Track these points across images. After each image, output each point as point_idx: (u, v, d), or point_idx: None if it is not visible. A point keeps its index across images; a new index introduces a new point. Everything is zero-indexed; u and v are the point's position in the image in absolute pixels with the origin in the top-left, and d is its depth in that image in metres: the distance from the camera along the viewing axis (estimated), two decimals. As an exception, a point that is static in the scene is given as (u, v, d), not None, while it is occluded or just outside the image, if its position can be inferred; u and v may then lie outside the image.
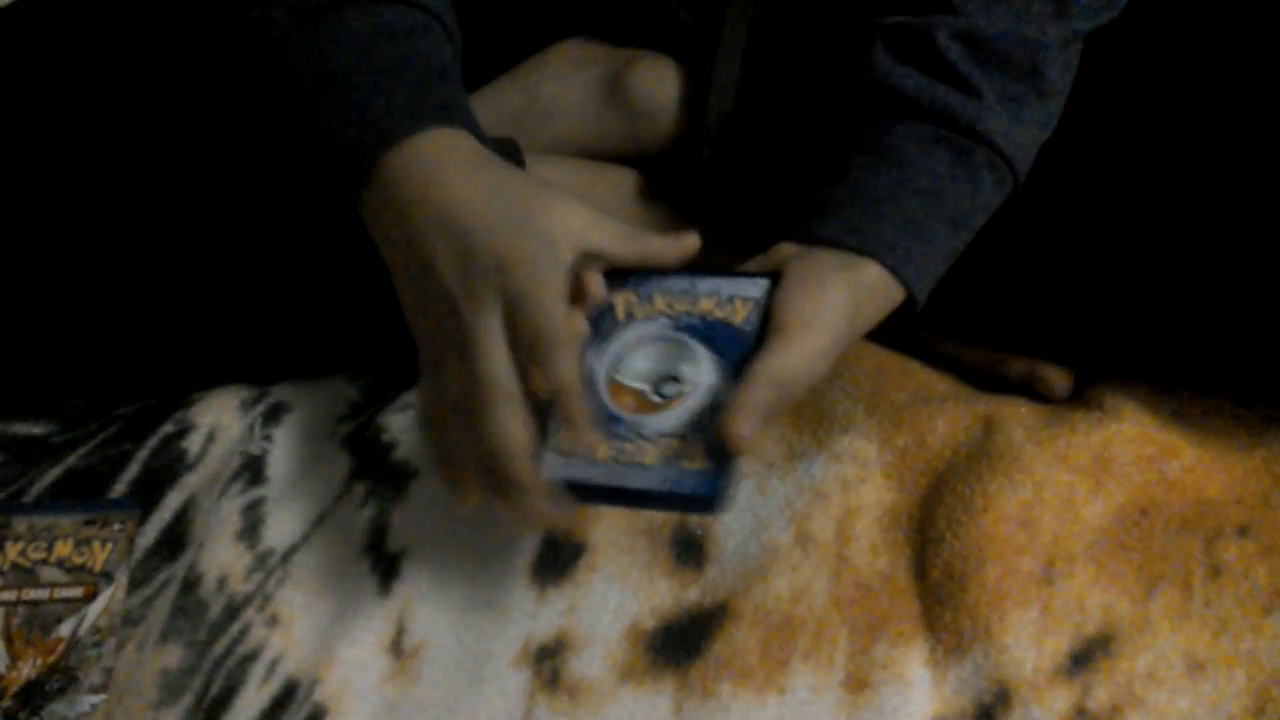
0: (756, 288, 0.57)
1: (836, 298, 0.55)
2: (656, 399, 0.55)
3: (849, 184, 0.58)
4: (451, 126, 0.54)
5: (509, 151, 0.70)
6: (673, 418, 0.54)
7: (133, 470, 0.68)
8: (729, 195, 0.73)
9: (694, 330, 0.57)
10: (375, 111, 0.54)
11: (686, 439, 0.53)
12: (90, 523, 0.65)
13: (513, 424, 0.51)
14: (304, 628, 0.62)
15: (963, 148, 0.58)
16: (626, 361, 0.56)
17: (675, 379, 0.55)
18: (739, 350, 0.55)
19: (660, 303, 0.58)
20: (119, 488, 0.68)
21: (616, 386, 0.55)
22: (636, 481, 0.52)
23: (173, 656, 0.61)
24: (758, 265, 0.58)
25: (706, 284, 0.58)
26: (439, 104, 0.55)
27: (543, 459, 0.53)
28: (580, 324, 0.55)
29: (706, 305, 0.57)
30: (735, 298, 0.57)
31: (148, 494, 0.67)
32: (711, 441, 0.52)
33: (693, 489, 0.51)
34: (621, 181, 0.75)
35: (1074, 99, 0.62)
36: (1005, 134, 0.59)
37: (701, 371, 0.55)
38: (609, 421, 0.54)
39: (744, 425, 0.51)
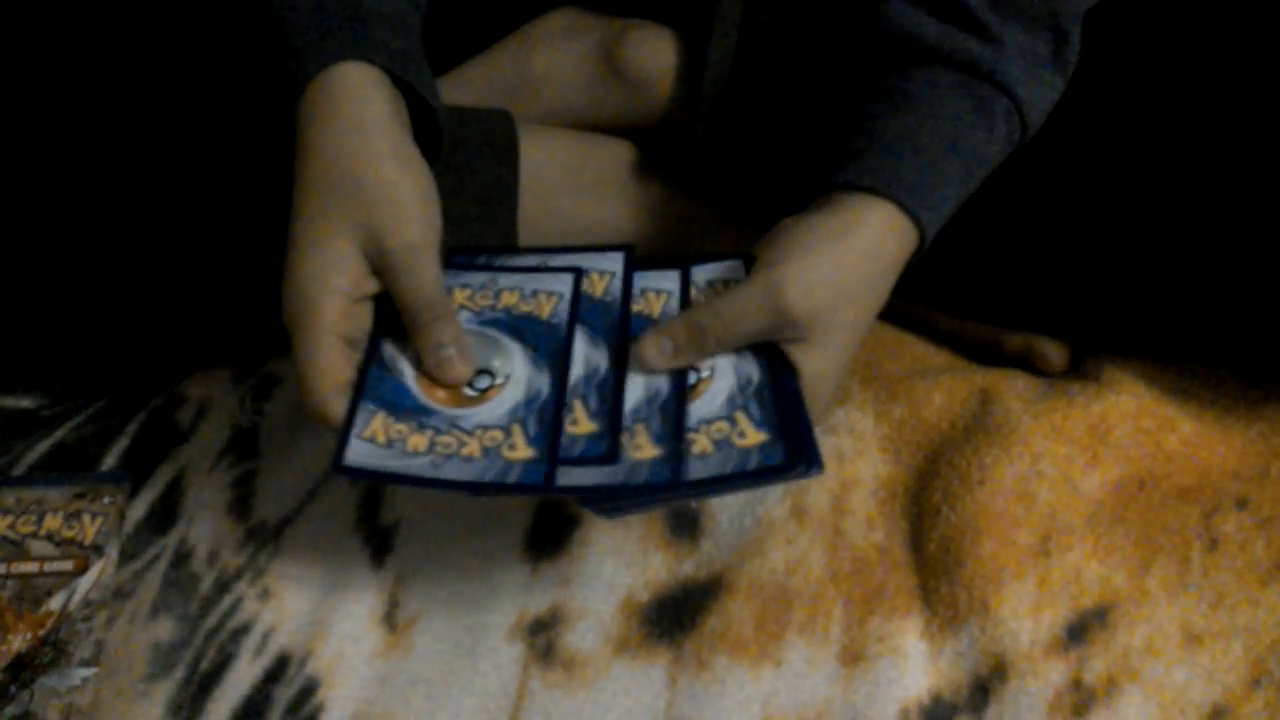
0: (562, 283, 0.57)
1: (839, 234, 0.54)
2: (470, 392, 0.54)
3: (868, 131, 0.57)
4: (362, 62, 0.54)
5: (500, 124, 0.69)
6: (490, 411, 0.53)
7: (123, 443, 0.68)
8: (723, 166, 0.72)
9: (500, 325, 0.56)
10: (296, 44, 0.54)
11: (507, 430, 0.52)
12: (80, 496, 0.65)
13: (313, 361, 0.51)
14: (296, 601, 0.62)
15: (983, 95, 0.58)
16: None
17: (488, 372, 0.55)
18: (553, 341, 0.55)
19: (460, 296, 0.57)
20: (109, 461, 0.67)
21: (427, 380, 0.54)
22: (456, 474, 0.51)
23: (164, 630, 0.61)
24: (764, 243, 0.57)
25: (506, 280, 0.58)
26: (352, 38, 0.54)
27: (351, 446, 0.51)
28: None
29: (509, 300, 0.57)
30: (539, 292, 0.57)
31: (138, 467, 0.67)
32: (534, 430, 0.52)
33: (519, 478, 0.50)
34: (615, 152, 0.74)
35: (1074, 76, 0.62)
36: (1024, 86, 0.58)
37: (514, 363, 0.55)
38: (423, 414, 0.53)
39: (718, 324, 0.52)
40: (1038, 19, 0.59)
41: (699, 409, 0.53)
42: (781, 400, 0.52)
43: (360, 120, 0.52)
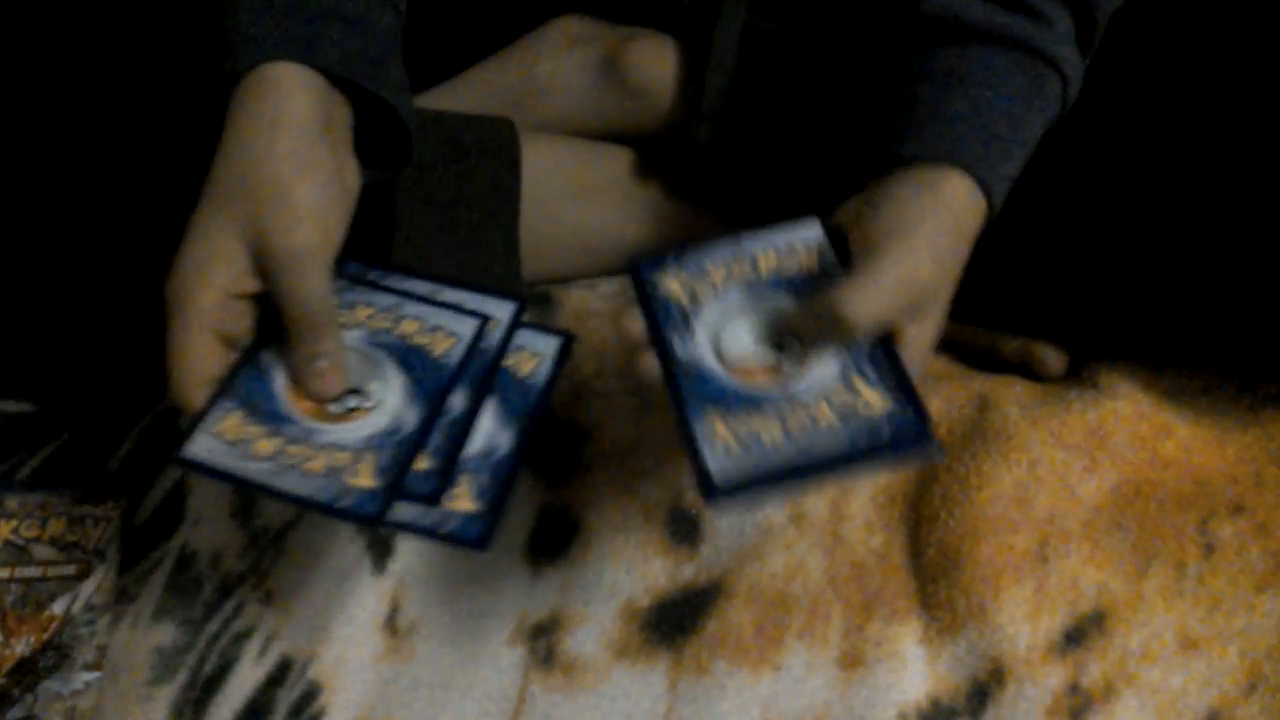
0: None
1: (932, 203, 0.53)
2: (335, 409, 0.53)
3: (924, 111, 0.56)
4: (296, 63, 0.53)
5: (502, 131, 0.70)
6: (349, 432, 0.52)
7: (126, 447, 0.68)
8: (724, 173, 0.72)
9: (391, 350, 0.55)
10: (234, 40, 0.53)
11: (357, 455, 0.51)
12: (83, 500, 0.65)
13: (181, 356, 0.50)
14: (298, 606, 0.62)
15: (1035, 72, 0.57)
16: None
17: (358, 392, 0.54)
18: (435, 382, 0.54)
19: (362, 314, 0.56)
20: (112, 465, 0.68)
21: (295, 389, 0.53)
22: (291, 486, 0.50)
23: (166, 634, 0.61)
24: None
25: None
26: (291, 37, 0.53)
27: (196, 438, 0.50)
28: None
29: (408, 328, 0.56)
30: (440, 329, 0.56)
31: (141, 471, 0.67)
32: (384, 462, 0.51)
33: (352, 504, 0.49)
34: (616, 160, 0.75)
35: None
36: (1069, 63, 0.58)
37: (390, 391, 0.54)
38: (280, 421, 0.52)
39: (861, 312, 0.49)
40: (1071, 4, 0.59)
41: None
42: (894, 366, 0.50)
43: (273, 119, 0.51)
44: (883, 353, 0.51)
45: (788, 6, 0.70)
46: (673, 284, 0.55)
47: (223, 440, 0.50)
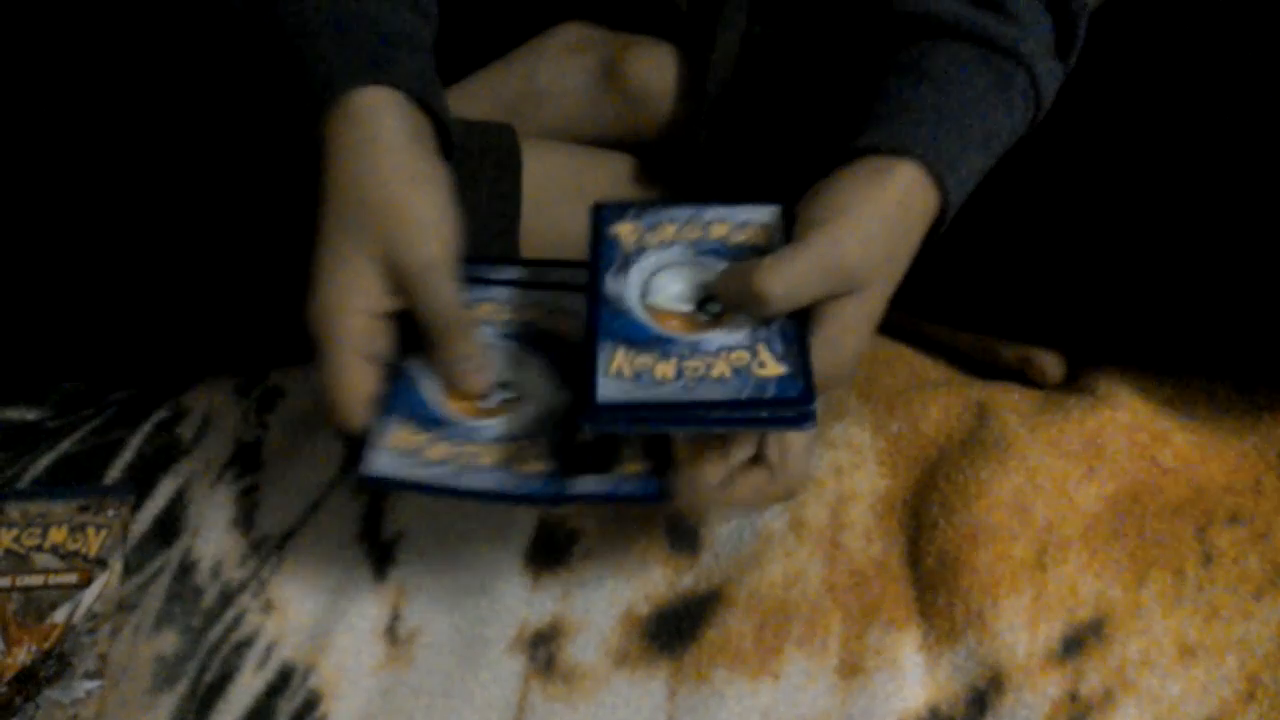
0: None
1: (873, 189, 0.54)
2: (488, 405, 0.56)
3: (888, 102, 0.58)
4: (381, 86, 0.55)
5: (503, 138, 0.70)
6: (507, 424, 0.55)
7: (127, 456, 0.68)
8: (725, 180, 0.72)
9: (523, 339, 0.58)
10: (319, 70, 0.56)
11: (522, 444, 0.54)
12: (84, 509, 0.65)
13: (329, 371, 0.53)
14: (298, 614, 0.62)
15: (1003, 69, 0.59)
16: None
17: (505, 386, 0.56)
18: (572, 359, 0.55)
19: (484, 310, 0.59)
20: (113, 473, 0.68)
21: (448, 393, 0.56)
22: (473, 483, 0.52)
23: (167, 643, 0.61)
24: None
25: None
26: (372, 62, 0.56)
27: (374, 456, 0.53)
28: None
29: (532, 315, 0.59)
30: (560, 310, 0.59)
31: (142, 480, 0.67)
32: (550, 445, 0.54)
33: (535, 490, 0.52)
34: (617, 167, 0.75)
35: (1068, 83, 0.62)
36: (1041, 62, 0.59)
37: (533, 378, 0.57)
38: (443, 425, 0.55)
39: (774, 286, 0.51)
40: (1048, 2, 0.60)
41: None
42: (801, 343, 0.52)
43: (376, 143, 0.54)
44: (794, 329, 0.53)
45: (787, 13, 0.70)
46: (624, 229, 0.58)
47: (397, 452, 0.53)
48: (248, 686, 0.60)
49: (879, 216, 0.54)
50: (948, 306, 0.71)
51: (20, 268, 0.66)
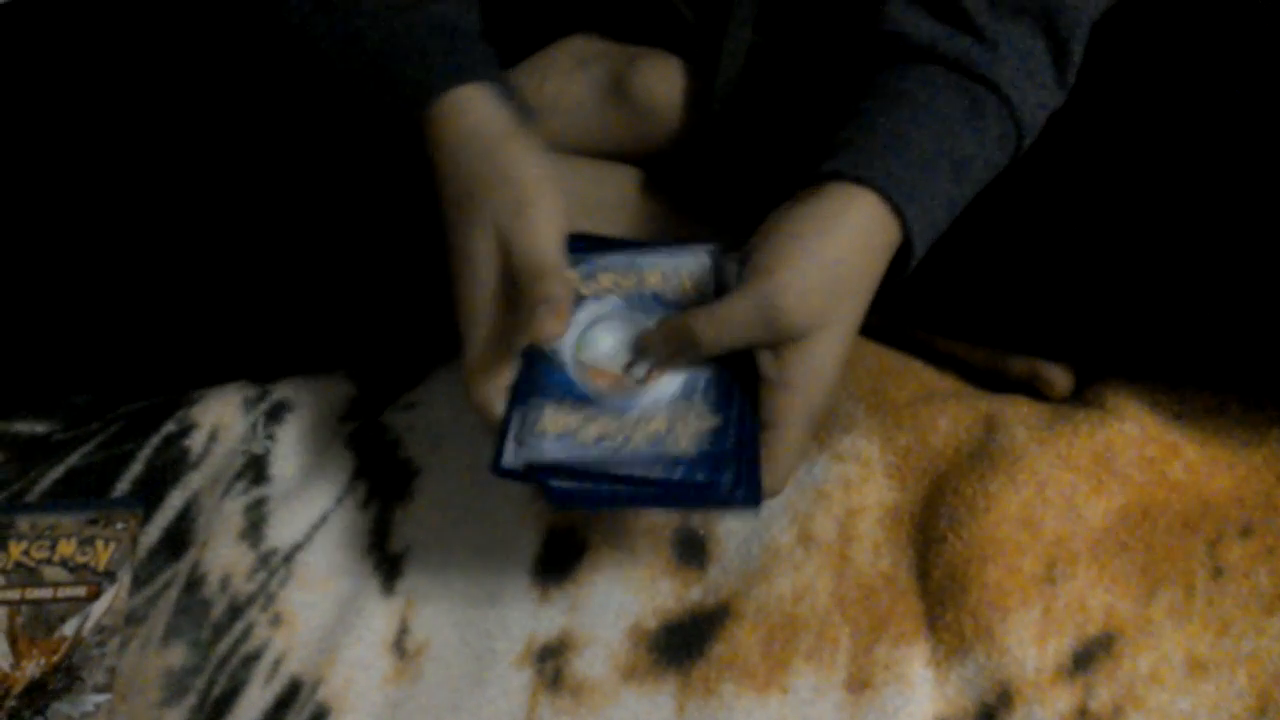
0: (699, 257, 0.58)
1: (828, 227, 0.55)
2: (632, 378, 0.55)
3: (858, 125, 0.58)
4: (471, 84, 0.58)
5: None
6: (653, 396, 0.54)
7: (135, 469, 0.68)
8: (732, 193, 0.72)
9: (649, 306, 0.57)
10: (406, 79, 0.59)
11: (670, 420, 0.53)
12: (93, 522, 0.65)
13: (478, 345, 0.54)
14: (307, 627, 0.62)
15: (974, 95, 0.58)
16: (589, 342, 0.56)
17: (642, 356, 0.56)
18: None
19: (605, 281, 0.58)
20: (122, 486, 0.68)
21: (588, 369, 0.55)
22: (627, 467, 0.51)
23: (176, 656, 0.61)
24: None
25: (648, 258, 0.58)
26: (456, 66, 0.58)
27: (528, 444, 0.52)
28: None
29: (652, 279, 0.58)
30: (680, 270, 0.58)
31: (150, 493, 0.67)
32: (699, 422, 0.53)
33: (683, 475, 0.51)
34: (624, 179, 0.75)
35: (1076, 95, 0.62)
36: (1017, 88, 0.59)
37: None
38: (591, 403, 0.54)
39: (706, 333, 0.53)
40: (1036, 24, 0.60)
41: (644, 401, 0.54)
42: (730, 413, 0.53)
43: (486, 132, 0.57)
44: (725, 396, 0.54)
45: (793, 26, 0.70)
46: (605, 276, 0.58)
47: (549, 437, 0.52)
48: (256, 700, 0.60)
49: (829, 261, 0.54)
50: (956, 319, 0.71)
51: (29, 280, 0.66)
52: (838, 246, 0.54)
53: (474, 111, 0.57)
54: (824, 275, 0.54)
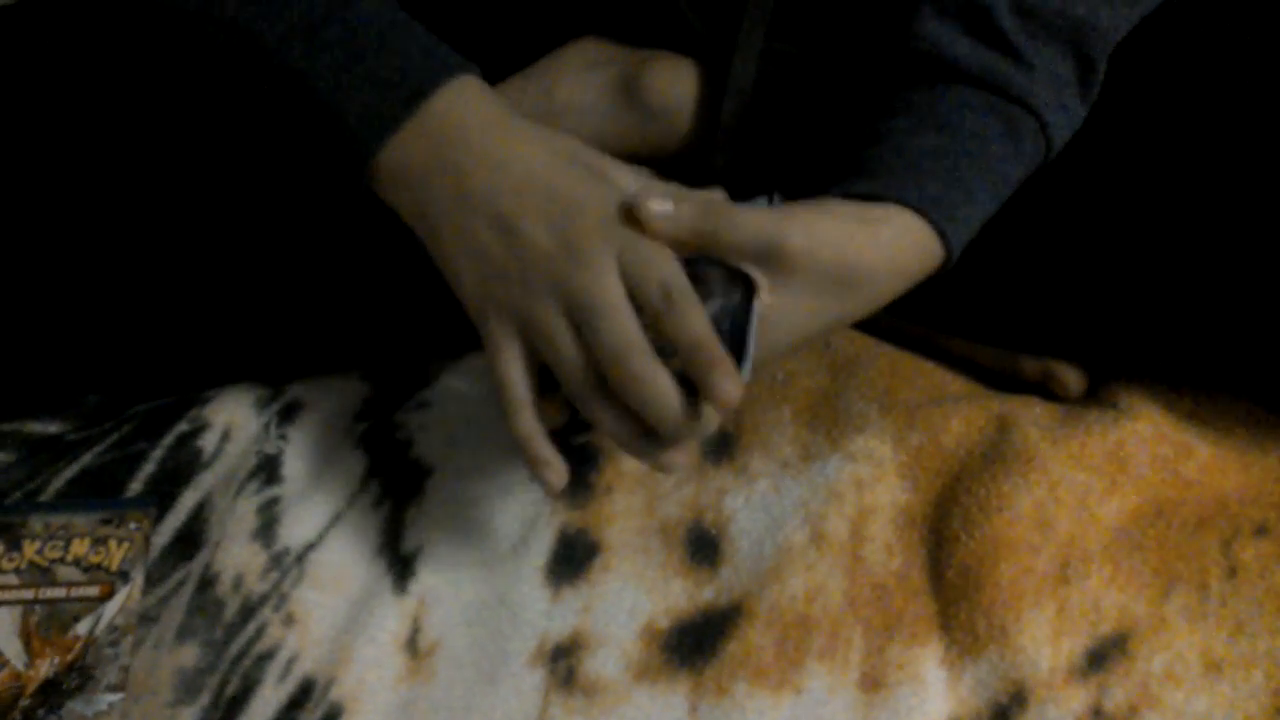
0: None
1: (857, 212, 0.54)
2: None
3: (891, 146, 0.57)
4: (469, 74, 0.55)
5: None
6: None
7: (148, 469, 0.69)
8: (743, 196, 0.72)
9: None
10: (389, 72, 0.54)
11: None
12: (106, 521, 0.66)
13: (664, 379, 0.51)
14: (320, 627, 0.62)
15: (1012, 117, 0.58)
16: None
17: None
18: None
19: None
20: (135, 486, 0.68)
21: None
22: None
23: (189, 655, 0.61)
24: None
25: None
26: (446, 56, 0.55)
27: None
28: None
29: None
30: None
31: (163, 492, 0.67)
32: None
33: None
34: (635, 182, 0.75)
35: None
36: (1052, 110, 0.58)
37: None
38: None
39: (725, 226, 0.53)
40: (1068, 45, 0.59)
41: None
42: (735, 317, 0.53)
43: (540, 138, 0.56)
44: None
45: (806, 31, 0.70)
46: None
47: None
48: (269, 699, 0.60)
49: (846, 235, 0.53)
50: (968, 320, 0.71)
51: (42, 280, 0.67)
52: (865, 236, 0.54)
53: (477, 103, 0.55)
54: (841, 240, 0.53)
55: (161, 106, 0.65)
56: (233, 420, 0.70)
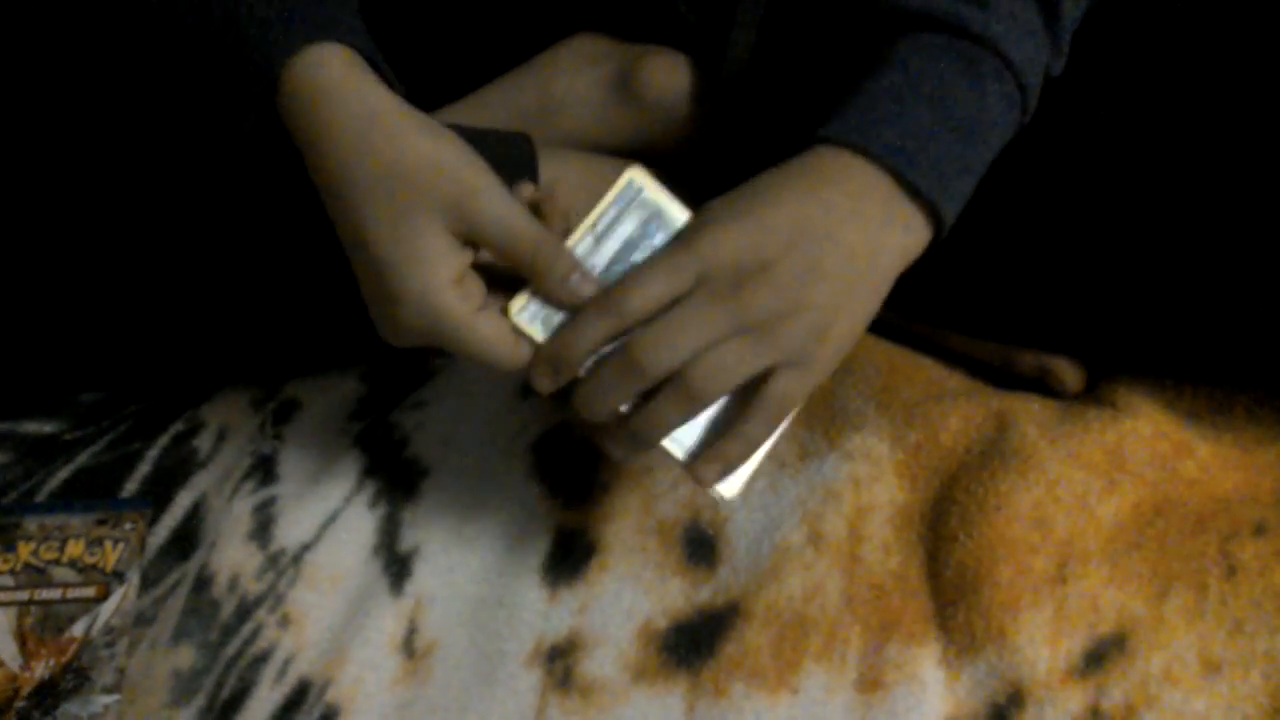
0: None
1: (784, 171, 0.53)
2: None
3: (850, 93, 0.55)
4: (334, 42, 0.52)
5: (520, 147, 0.70)
6: None
7: (144, 469, 0.68)
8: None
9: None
10: (263, 32, 0.52)
11: None
12: (102, 522, 0.65)
13: (487, 339, 0.51)
14: (316, 628, 0.62)
15: (970, 55, 0.56)
16: None
17: None
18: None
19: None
20: (130, 487, 0.68)
21: None
22: None
23: (185, 657, 0.61)
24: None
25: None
26: (317, 21, 0.52)
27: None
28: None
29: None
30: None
31: (159, 493, 0.67)
32: None
33: None
34: (632, 177, 0.74)
35: (1085, 88, 0.62)
36: (1013, 42, 0.56)
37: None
38: None
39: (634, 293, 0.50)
40: None
41: None
42: None
43: (369, 105, 0.51)
44: None
45: (798, 25, 0.70)
46: None
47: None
48: (265, 700, 0.60)
49: (765, 201, 0.52)
50: (966, 315, 0.71)
51: (36, 280, 0.66)
52: (796, 191, 0.52)
53: (348, 83, 0.51)
54: (761, 210, 0.51)
55: (160, 104, 0.65)
56: (228, 420, 0.70)
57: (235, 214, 0.66)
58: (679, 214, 0.55)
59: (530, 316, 0.53)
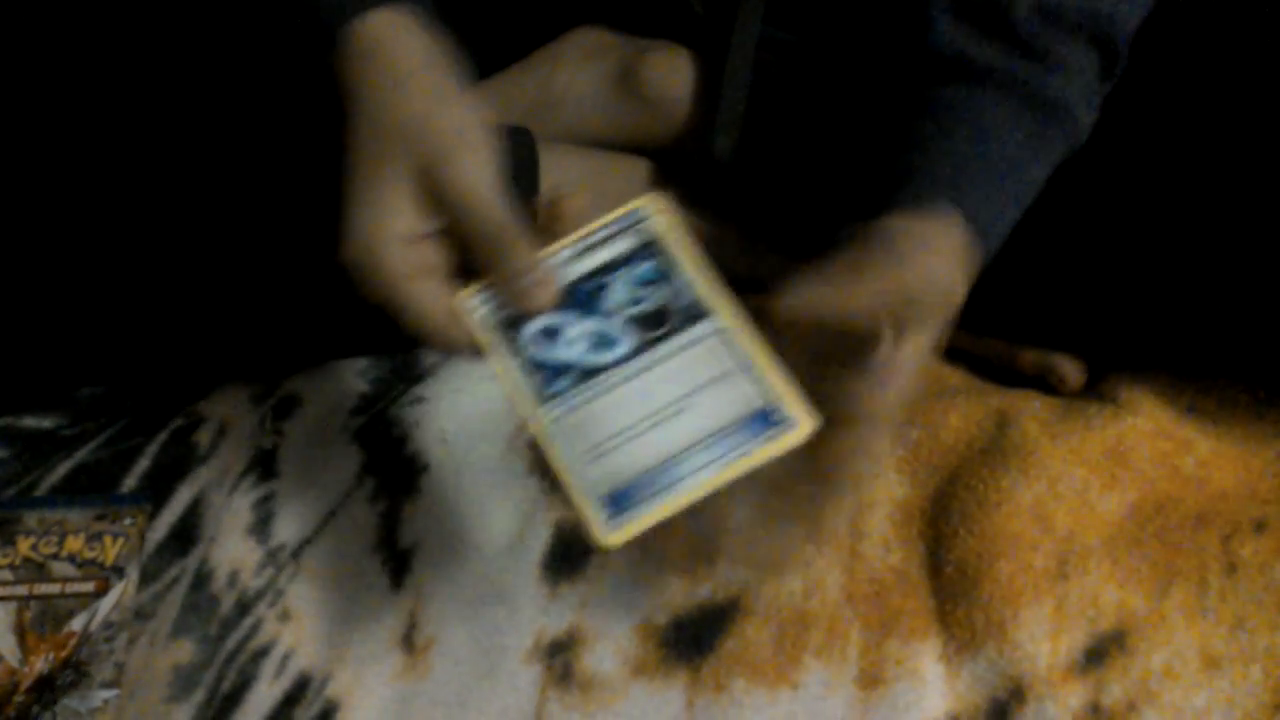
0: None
1: (932, 245, 0.51)
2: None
3: (925, 148, 0.55)
4: (391, 8, 0.52)
5: (522, 140, 0.70)
6: None
7: (143, 464, 0.68)
8: (743, 186, 0.72)
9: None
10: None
11: None
12: (101, 517, 0.65)
13: (420, 309, 0.49)
14: (315, 623, 0.62)
15: (1042, 121, 0.56)
16: None
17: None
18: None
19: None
20: (130, 482, 0.68)
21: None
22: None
23: (184, 652, 0.61)
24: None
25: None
26: None
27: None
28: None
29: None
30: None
31: (158, 488, 0.67)
32: None
33: None
34: (633, 171, 0.74)
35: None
36: (1083, 107, 0.57)
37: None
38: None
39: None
40: (1090, 41, 0.58)
41: None
42: None
43: (397, 64, 0.51)
44: None
45: (803, 18, 0.70)
46: None
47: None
48: (265, 695, 0.60)
49: (928, 273, 0.51)
50: (967, 312, 0.70)
51: (36, 276, 0.66)
52: (930, 262, 0.51)
53: (392, 43, 0.51)
54: (927, 280, 0.51)
55: (158, 105, 0.65)
56: (228, 415, 0.70)
57: (237, 210, 0.66)
58: (678, 254, 0.52)
59: (474, 305, 0.50)
